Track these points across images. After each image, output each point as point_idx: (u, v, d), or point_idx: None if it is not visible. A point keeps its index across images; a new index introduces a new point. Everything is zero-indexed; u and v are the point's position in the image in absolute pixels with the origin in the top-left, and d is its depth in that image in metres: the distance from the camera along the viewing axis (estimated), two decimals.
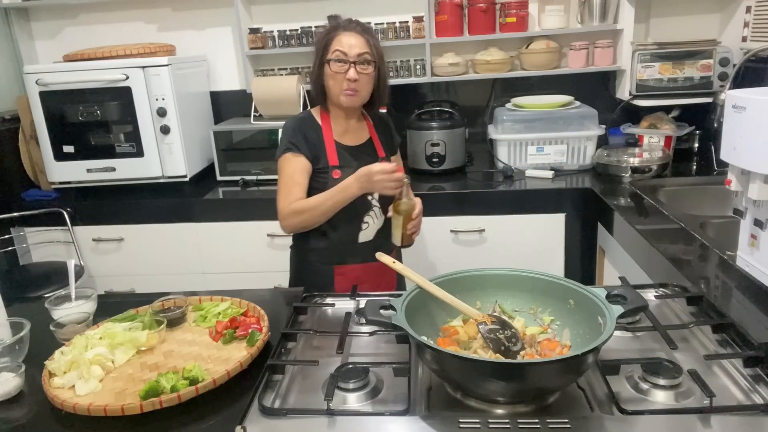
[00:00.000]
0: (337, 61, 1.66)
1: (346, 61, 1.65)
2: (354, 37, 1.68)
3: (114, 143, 2.64)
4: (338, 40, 1.68)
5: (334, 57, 1.66)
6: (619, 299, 1.09)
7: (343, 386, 1.05)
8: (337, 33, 1.69)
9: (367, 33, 1.71)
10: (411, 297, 1.14)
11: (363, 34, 1.69)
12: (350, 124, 1.79)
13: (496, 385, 0.97)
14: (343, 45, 1.66)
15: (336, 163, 1.73)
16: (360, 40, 1.67)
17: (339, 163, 1.73)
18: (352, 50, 1.66)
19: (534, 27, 2.77)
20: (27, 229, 2.74)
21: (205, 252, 2.63)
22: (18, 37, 2.98)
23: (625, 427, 0.93)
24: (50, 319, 1.38)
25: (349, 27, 1.71)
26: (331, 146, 1.74)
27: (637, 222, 1.91)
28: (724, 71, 2.46)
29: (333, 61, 1.66)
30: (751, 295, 1.35)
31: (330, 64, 1.67)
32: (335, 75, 1.67)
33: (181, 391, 1.06)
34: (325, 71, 1.70)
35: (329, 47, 1.68)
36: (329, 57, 1.67)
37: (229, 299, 1.45)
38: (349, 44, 1.66)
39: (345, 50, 1.66)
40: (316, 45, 1.75)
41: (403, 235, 1.68)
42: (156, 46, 2.69)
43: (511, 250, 2.47)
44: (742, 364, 1.07)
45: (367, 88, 1.71)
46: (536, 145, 2.59)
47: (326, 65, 1.68)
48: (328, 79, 1.70)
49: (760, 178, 1.31)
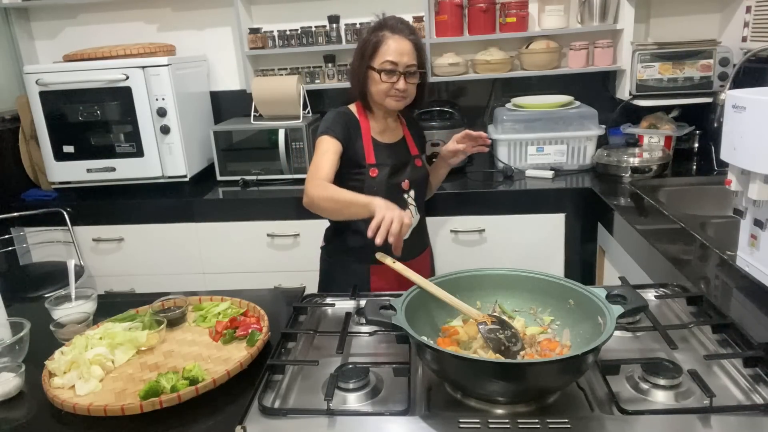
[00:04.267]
0: (387, 72, 1.65)
1: (396, 72, 1.65)
2: (403, 43, 1.65)
3: (114, 143, 2.64)
4: (387, 46, 1.65)
5: (384, 68, 1.65)
6: (619, 299, 1.09)
7: (343, 386, 1.05)
8: (384, 36, 1.66)
9: (413, 34, 1.69)
10: (411, 297, 1.14)
11: (411, 38, 1.67)
12: (388, 123, 1.81)
13: (496, 385, 0.97)
14: (393, 53, 1.64)
15: (373, 161, 1.73)
16: (409, 46, 1.65)
17: (376, 161, 1.73)
18: (402, 59, 1.64)
19: (534, 27, 2.77)
20: (27, 229, 2.74)
21: (205, 252, 2.63)
22: (18, 37, 2.98)
23: (625, 427, 0.93)
24: (50, 319, 1.38)
25: (397, 29, 1.67)
26: (369, 144, 1.74)
27: (637, 222, 1.91)
28: (724, 71, 2.46)
29: (383, 73, 1.65)
30: (751, 295, 1.35)
31: (380, 75, 1.65)
32: (384, 83, 1.66)
33: (181, 391, 1.06)
34: (370, 75, 1.68)
35: (377, 54, 1.66)
36: (378, 67, 1.65)
37: (229, 299, 1.45)
38: (399, 52, 1.64)
39: (395, 59, 1.64)
40: (360, 44, 1.72)
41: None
42: (156, 46, 2.69)
43: (511, 250, 2.47)
44: (742, 364, 1.07)
45: (413, 92, 1.73)
46: (536, 145, 2.59)
47: (373, 71, 1.67)
48: (373, 83, 1.69)
49: (760, 178, 1.31)
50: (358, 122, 1.76)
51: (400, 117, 1.87)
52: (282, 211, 2.54)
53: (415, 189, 1.81)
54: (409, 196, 1.78)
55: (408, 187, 1.79)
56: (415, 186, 1.81)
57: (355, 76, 1.73)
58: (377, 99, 1.71)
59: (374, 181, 1.72)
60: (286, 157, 2.67)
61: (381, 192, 1.68)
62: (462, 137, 1.78)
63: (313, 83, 2.86)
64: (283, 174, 2.70)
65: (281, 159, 2.67)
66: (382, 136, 1.78)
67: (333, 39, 2.77)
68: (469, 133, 1.77)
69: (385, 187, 1.73)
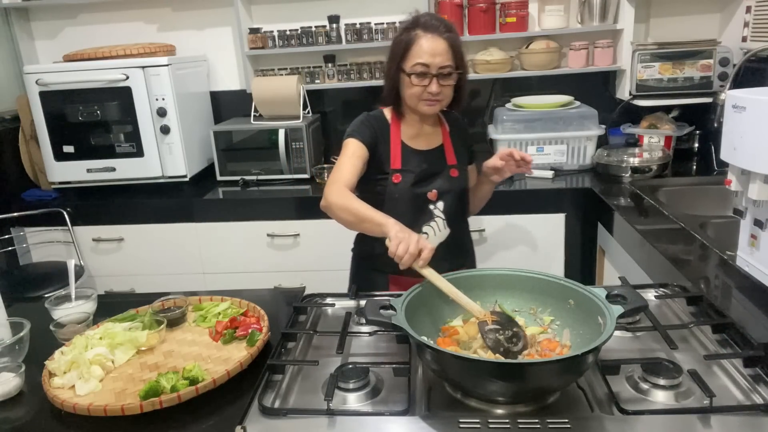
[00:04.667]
0: (418, 75, 1.52)
1: (428, 74, 1.52)
2: (437, 42, 1.51)
3: (114, 143, 2.64)
4: (419, 46, 1.52)
5: (415, 71, 1.52)
6: (619, 299, 1.09)
7: (343, 386, 1.05)
8: (417, 35, 1.53)
9: (450, 32, 1.54)
10: (411, 297, 1.14)
11: (446, 36, 1.53)
12: (423, 128, 1.67)
13: (496, 385, 0.97)
14: (425, 54, 1.51)
15: (398, 166, 1.62)
16: (443, 45, 1.52)
17: (401, 167, 1.62)
18: (434, 60, 1.51)
19: (534, 27, 2.77)
20: (27, 229, 2.74)
21: (205, 252, 2.63)
22: (18, 37, 2.97)
23: (625, 427, 0.93)
24: (50, 319, 1.38)
25: (431, 27, 1.53)
26: (396, 149, 1.63)
27: (637, 222, 1.91)
28: (724, 71, 2.46)
29: (414, 75, 1.52)
30: (751, 295, 1.35)
31: (410, 78, 1.53)
32: (415, 87, 1.54)
33: (181, 391, 1.06)
34: (402, 78, 1.57)
35: (408, 54, 1.53)
36: (409, 69, 1.53)
37: (229, 299, 1.45)
38: (432, 52, 1.51)
39: (427, 61, 1.51)
40: (393, 44, 1.60)
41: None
42: (156, 46, 2.69)
43: (511, 250, 2.47)
44: (742, 364, 1.07)
45: (449, 95, 1.59)
46: (536, 145, 2.59)
47: (404, 74, 1.55)
48: (405, 87, 1.57)
49: (760, 178, 1.31)
50: (388, 126, 1.65)
51: (442, 122, 1.72)
52: (282, 211, 2.54)
53: (444, 200, 1.65)
54: (436, 207, 1.64)
55: (436, 198, 1.64)
56: (445, 197, 1.65)
57: (387, 79, 1.62)
58: (410, 103, 1.59)
59: (396, 188, 1.61)
60: (286, 157, 2.67)
61: (403, 200, 1.61)
62: (506, 155, 1.62)
63: (313, 83, 2.86)
64: (283, 174, 2.70)
65: (281, 159, 2.67)
66: (414, 141, 1.66)
67: (333, 39, 2.77)
68: (513, 152, 1.61)
69: (407, 196, 1.62)
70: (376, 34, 2.73)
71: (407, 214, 1.55)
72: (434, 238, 1.64)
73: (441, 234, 1.66)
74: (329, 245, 2.51)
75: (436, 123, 1.70)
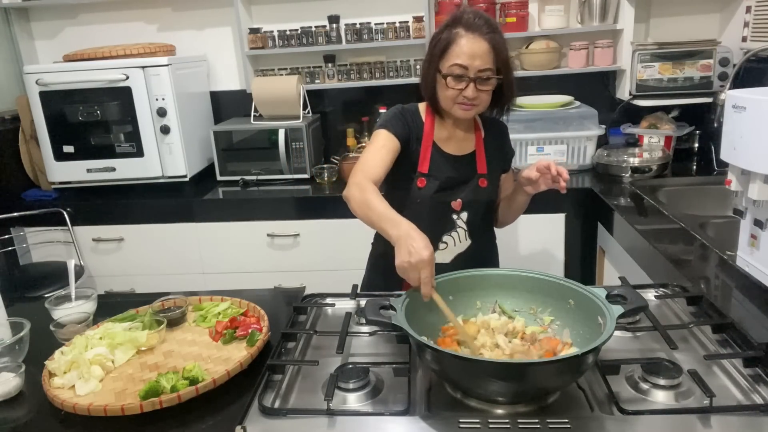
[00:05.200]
0: (454, 77, 1.43)
1: (465, 77, 1.43)
2: (478, 43, 1.41)
3: (114, 143, 2.64)
4: (458, 45, 1.42)
5: (452, 72, 1.43)
6: (619, 299, 1.09)
7: (343, 386, 1.05)
8: (457, 34, 1.43)
9: (493, 32, 1.44)
10: (411, 297, 1.14)
11: (488, 37, 1.42)
12: (457, 132, 1.59)
13: (496, 385, 0.97)
14: (464, 55, 1.41)
15: (425, 170, 1.54)
16: (484, 47, 1.42)
17: (428, 171, 1.54)
18: (473, 63, 1.41)
19: (534, 27, 2.77)
20: (27, 229, 2.74)
21: (205, 252, 2.63)
22: (18, 37, 2.97)
23: (625, 427, 0.93)
24: (50, 319, 1.38)
25: (473, 26, 1.43)
26: (427, 151, 1.55)
27: (637, 222, 1.91)
28: (724, 71, 2.46)
29: (450, 78, 1.44)
30: (751, 295, 1.35)
31: (446, 80, 1.44)
32: (450, 89, 1.46)
33: (181, 391, 1.06)
34: (438, 79, 1.48)
35: (447, 54, 1.44)
36: (445, 71, 1.44)
37: (229, 299, 1.45)
38: (471, 54, 1.41)
39: (465, 63, 1.41)
40: (431, 40, 1.51)
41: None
42: (156, 46, 2.69)
43: (511, 250, 2.47)
44: (742, 364, 1.07)
45: (486, 100, 1.49)
46: (536, 145, 2.59)
47: (440, 75, 1.47)
48: (440, 88, 1.48)
49: (760, 178, 1.31)
50: (422, 123, 1.56)
51: (477, 127, 1.62)
52: (282, 211, 2.54)
53: (469, 211, 1.58)
54: (459, 217, 1.57)
55: (460, 208, 1.57)
56: (470, 208, 1.58)
57: (424, 78, 1.53)
58: (444, 105, 1.50)
59: (419, 192, 1.54)
60: (286, 157, 2.67)
61: (424, 207, 1.54)
62: (543, 167, 1.47)
63: (313, 83, 2.86)
64: (283, 174, 2.70)
65: (281, 159, 2.67)
66: (446, 144, 1.57)
67: (333, 39, 2.77)
68: (551, 165, 1.46)
69: (430, 203, 1.55)
70: (376, 34, 2.73)
71: (427, 221, 1.43)
72: (453, 249, 1.59)
73: (461, 245, 1.59)
74: (329, 245, 2.52)
75: (470, 128, 1.61)
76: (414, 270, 1.14)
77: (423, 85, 1.55)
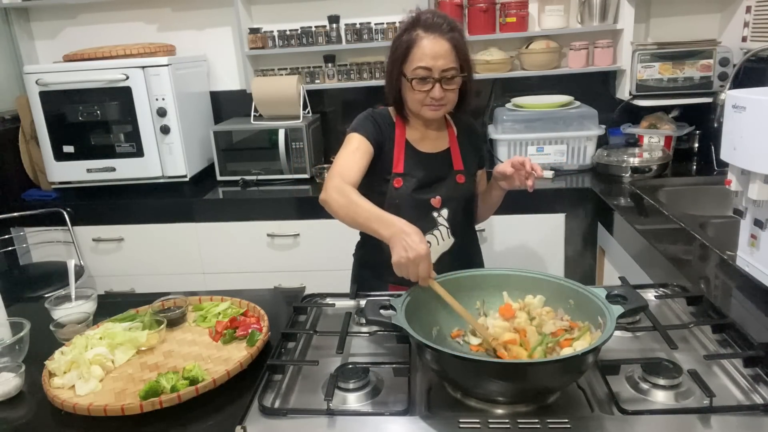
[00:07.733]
0: (419, 80, 1.43)
1: (430, 78, 1.43)
2: (439, 44, 1.41)
3: (114, 143, 2.64)
4: (420, 48, 1.42)
5: (417, 75, 1.43)
6: (619, 299, 1.10)
7: (343, 386, 1.05)
8: (418, 35, 1.43)
9: (453, 31, 1.44)
10: (411, 297, 1.14)
11: (449, 36, 1.43)
12: (429, 132, 1.59)
13: (496, 385, 0.97)
14: (427, 57, 1.41)
15: (401, 170, 1.54)
16: (446, 46, 1.42)
17: (404, 171, 1.54)
18: (437, 63, 1.41)
19: (534, 27, 2.77)
20: (27, 229, 2.74)
21: (205, 252, 2.63)
22: (18, 37, 2.97)
23: (625, 427, 0.93)
24: (50, 319, 1.38)
25: (432, 27, 1.43)
26: (400, 151, 1.55)
27: (637, 222, 1.91)
28: (724, 71, 2.46)
29: (415, 80, 1.44)
30: (751, 295, 1.35)
31: (411, 83, 1.44)
32: (417, 92, 1.46)
33: (181, 391, 1.06)
34: (403, 83, 1.48)
35: (409, 57, 1.44)
36: (410, 74, 1.44)
37: (229, 299, 1.45)
38: (434, 54, 1.41)
39: (428, 65, 1.41)
40: (393, 45, 1.50)
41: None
42: (156, 46, 2.69)
43: (511, 250, 2.47)
44: (742, 364, 1.07)
45: (453, 99, 1.50)
46: (536, 145, 2.59)
47: (405, 78, 1.46)
48: (407, 91, 1.48)
49: (760, 178, 1.31)
50: (393, 126, 1.57)
51: (449, 125, 1.63)
52: (282, 211, 2.54)
53: (449, 208, 1.57)
54: (440, 215, 1.56)
55: (440, 205, 1.56)
56: (449, 204, 1.57)
57: (389, 82, 1.53)
58: (413, 108, 1.51)
59: (397, 192, 1.53)
60: (286, 157, 2.67)
61: (404, 206, 1.52)
62: (518, 163, 1.47)
63: (313, 83, 2.86)
64: (283, 174, 2.70)
65: (281, 159, 2.67)
66: (420, 144, 1.58)
67: (333, 39, 2.77)
68: (526, 161, 1.46)
69: (409, 202, 1.54)
70: (376, 34, 2.73)
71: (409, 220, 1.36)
72: (436, 248, 1.57)
73: (444, 243, 1.58)
74: (329, 245, 2.51)
75: (442, 126, 1.62)
76: (413, 265, 1.15)
77: (387, 90, 1.55)
